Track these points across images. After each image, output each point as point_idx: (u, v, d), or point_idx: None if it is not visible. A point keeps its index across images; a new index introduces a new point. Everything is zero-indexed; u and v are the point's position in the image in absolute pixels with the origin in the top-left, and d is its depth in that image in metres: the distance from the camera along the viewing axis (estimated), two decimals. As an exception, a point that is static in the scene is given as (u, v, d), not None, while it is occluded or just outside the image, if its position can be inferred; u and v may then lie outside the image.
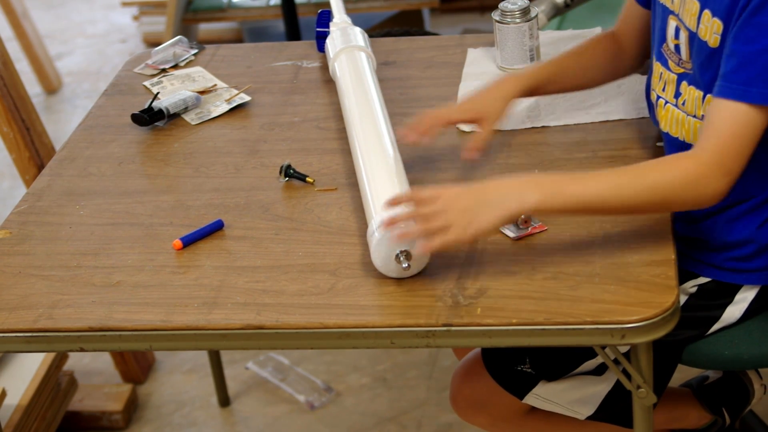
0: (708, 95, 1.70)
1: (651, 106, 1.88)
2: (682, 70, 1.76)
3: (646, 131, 1.96)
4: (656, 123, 1.85)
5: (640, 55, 1.96)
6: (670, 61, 1.78)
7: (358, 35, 2.21)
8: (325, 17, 2.31)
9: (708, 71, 1.69)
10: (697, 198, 1.62)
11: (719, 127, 1.60)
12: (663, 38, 1.79)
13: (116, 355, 2.80)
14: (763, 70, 1.58)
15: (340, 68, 2.12)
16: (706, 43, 1.68)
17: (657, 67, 1.82)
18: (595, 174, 1.64)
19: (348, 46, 2.16)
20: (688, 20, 1.72)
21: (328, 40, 2.23)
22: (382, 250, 1.66)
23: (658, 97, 1.82)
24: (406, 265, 1.65)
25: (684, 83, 1.75)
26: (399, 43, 2.39)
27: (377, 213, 1.70)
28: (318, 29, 2.31)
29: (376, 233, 1.66)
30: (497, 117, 1.87)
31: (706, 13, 1.67)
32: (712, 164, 1.60)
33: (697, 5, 1.69)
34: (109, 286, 1.76)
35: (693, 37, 1.71)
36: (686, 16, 1.72)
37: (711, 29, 1.66)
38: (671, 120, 1.79)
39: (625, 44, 1.95)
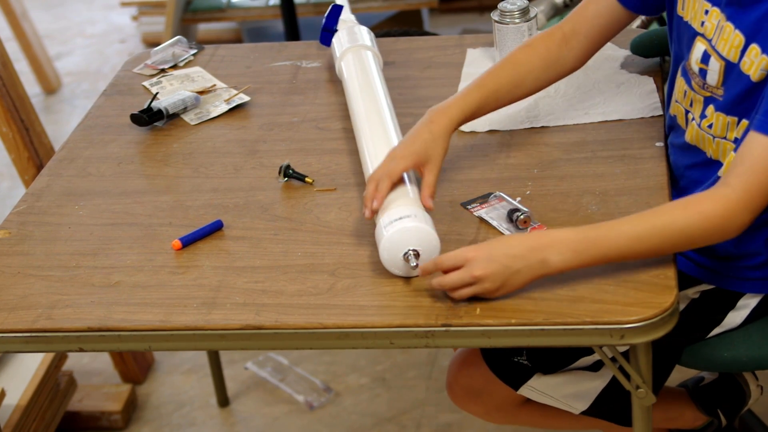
0: (743, 120, 1.69)
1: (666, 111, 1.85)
2: (708, 94, 1.74)
3: (645, 131, 1.96)
4: (683, 130, 1.83)
5: (586, 55, 1.92)
6: (693, 82, 1.76)
7: (365, 34, 2.21)
8: (336, 12, 2.29)
9: (746, 101, 1.67)
10: (722, 236, 1.62)
11: (754, 163, 1.59)
12: (686, 56, 1.77)
13: (115, 355, 2.80)
14: None
15: (346, 68, 2.12)
16: (748, 76, 1.65)
17: (680, 82, 1.80)
18: (617, 226, 1.61)
19: (355, 45, 2.16)
20: (726, 50, 1.68)
21: (334, 39, 2.23)
22: (390, 248, 1.66)
23: (687, 111, 1.80)
24: (415, 264, 1.65)
25: (711, 107, 1.73)
26: (398, 43, 2.39)
27: (386, 211, 1.70)
28: (326, 22, 2.29)
29: (384, 231, 1.66)
30: (440, 158, 1.79)
31: (754, 47, 1.64)
32: (740, 202, 1.59)
33: (741, 38, 1.66)
34: (108, 286, 1.76)
35: (732, 67, 1.68)
36: (723, 45, 1.69)
37: (758, 65, 1.64)
38: (696, 136, 1.78)
39: (574, 43, 1.90)
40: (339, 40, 2.21)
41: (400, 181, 1.77)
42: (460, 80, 2.20)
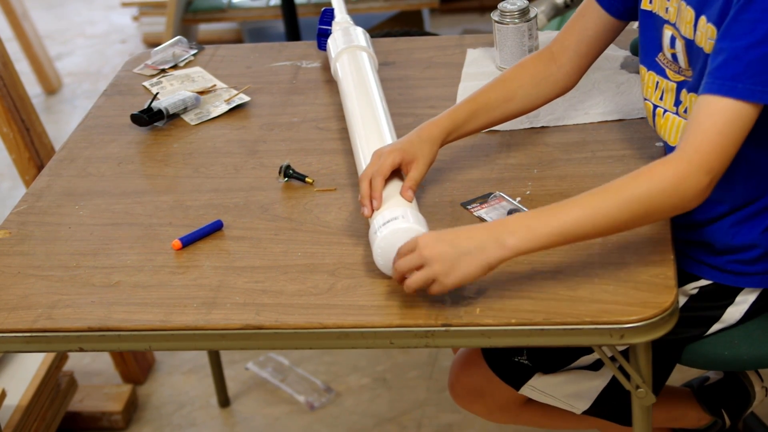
0: None
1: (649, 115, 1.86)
2: (682, 78, 1.75)
3: (644, 132, 1.96)
4: (653, 129, 1.85)
5: (577, 71, 1.90)
6: (668, 71, 1.76)
7: (360, 35, 2.21)
8: (328, 15, 2.31)
9: None
10: (680, 201, 1.59)
11: (704, 123, 1.57)
12: (659, 48, 1.78)
13: (116, 355, 2.80)
14: (750, 65, 1.56)
15: (342, 68, 2.12)
16: (702, 49, 1.67)
17: (651, 76, 1.80)
18: (570, 202, 1.60)
19: (350, 46, 2.16)
20: (683, 29, 1.70)
21: (329, 40, 2.23)
22: (384, 249, 1.66)
23: (656, 107, 1.80)
24: None
25: (684, 91, 1.74)
26: (398, 43, 2.39)
27: (379, 213, 1.71)
28: (320, 27, 2.30)
29: (378, 233, 1.66)
30: (427, 159, 1.79)
31: (702, 19, 1.66)
32: (693, 163, 1.57)
33: (692, 13, 1.68)
34: (108, 286, 1.76)
35: (690, 44, 1.70)
36: (682, 24, 1.71)
37: (706, 35, 1.65)
38: (671, 128, 1.78)
39: (563, 61, 1.89)
40: (334, 41, 2.21)
41: (390, 180, 1.77)
42: (460, 80, 2.21)
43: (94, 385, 2.83)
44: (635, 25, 2.49)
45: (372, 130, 1.91)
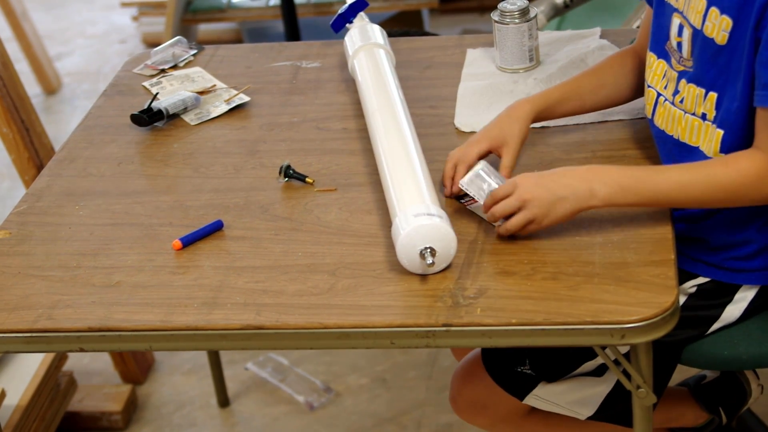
0: (711, 93, 1.70)
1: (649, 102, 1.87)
2: (682, 68, 1.76)
3: (645, 131, 1.96)
4: (650, 119, 1.85)
5: None
6: (673, 59, 1.78)
7: (377, 32, 2.21)
8: (360, 5, 2.27)
9: (712, 68, 1.70)
10: (757, 194, 1.67)
11: None
12: (667, 36, 1.79)
13: (116, 355, 2.80)
14: None
15: (359, 66, 2.12)
16: (712, 40, 1.68)
17: (661, 64, 1.81)
18: (660, 171, 1.70)
19: (368, 44, 2.16)
20: (692, 18, 1.71)
21: (346, 38, 2.23)
22: (407, 246, 1.66)
23: (659, 95, 1.81)
24: (431, 261, 1.65)
25: (683, 81, 1.75)
26: (398, 43, 2.39)
27: (401, 210, 1.70)
28: (346, 12, 2.26)
29: (401, 230, 1.66)
30: (517, 140, 1.84)
31: (713, 10, 1.67)
32: None
33: (703, 2, 1.69)
34: (108, 286, 1.76)
35: (697, 34, 1.71)
36: (691, 13, 1.72)
37: (719, 26, 1.66)
38: (668, 117, 1.79)
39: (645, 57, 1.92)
40: (351, 39, 2.20)
41: (414, 176, 1.77)
42: (460, 80, 2.21)
43: (94, 385, 2.83)
44: (635, 24, 2.50)
45: (392, 128, 1.90)
